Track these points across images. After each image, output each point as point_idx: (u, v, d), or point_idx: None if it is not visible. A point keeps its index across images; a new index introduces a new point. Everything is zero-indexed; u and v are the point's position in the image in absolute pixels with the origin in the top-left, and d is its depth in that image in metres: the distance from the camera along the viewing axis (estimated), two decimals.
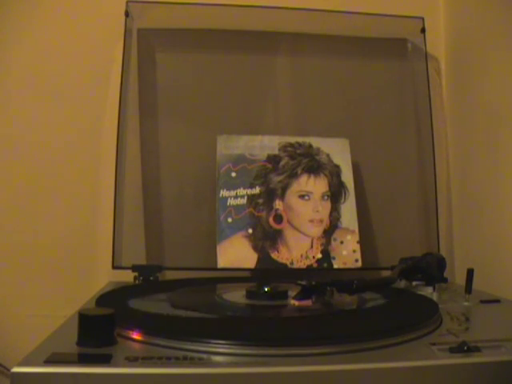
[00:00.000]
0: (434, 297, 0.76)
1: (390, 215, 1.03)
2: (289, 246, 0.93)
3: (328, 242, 0.94)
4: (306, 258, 0.93)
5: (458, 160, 1.04)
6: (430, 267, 0.80)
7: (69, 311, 0.65)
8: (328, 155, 0.98)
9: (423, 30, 1.04)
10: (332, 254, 0.93)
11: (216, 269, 0.90)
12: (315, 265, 0.92)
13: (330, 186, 0.96)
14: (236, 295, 0.73)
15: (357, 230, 0.95)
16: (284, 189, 0.95)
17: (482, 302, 0.74)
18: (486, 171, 0.93)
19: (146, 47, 1.02)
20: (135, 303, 0.69)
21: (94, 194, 0.99)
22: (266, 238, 0.93)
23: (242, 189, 0.95)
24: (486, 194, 0.93)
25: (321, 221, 0.94)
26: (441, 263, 0.82)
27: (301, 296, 0.68)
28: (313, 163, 0.97)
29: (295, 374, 0.47)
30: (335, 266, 0.93)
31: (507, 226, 0.86)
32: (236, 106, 1.03)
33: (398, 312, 0.67)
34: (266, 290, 0.72)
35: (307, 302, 0.68)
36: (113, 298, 0.73)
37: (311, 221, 0.94)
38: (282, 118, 1.04)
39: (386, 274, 0.89)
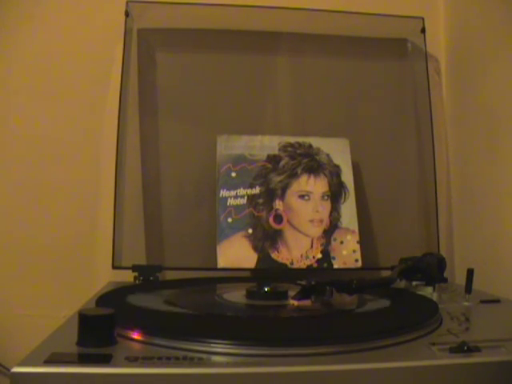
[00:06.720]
0: (434, 297, 0.76)
1: (390, 215, 1.03)
2: (289, 246, 0.93)
3: (328, 242, 0.94)
4: (306, 257, 0.93)
5: (457, 160, 1.04)
6: (430, 267, 0.80)
7: (69, 311, 0.65)
8: (328, 155, 0.98)
9: (423, 30, 1.04)
10: (332, 254, 0.93)
11: (216, 269, 0.90)
12: (315, 265, 0.92)
13: (329, 185, 0.96)
14: (236, 295, 0.73)
15: (357, 230, 0.95)
16: (284, 189, 0.95)
17: (482, 302, 0.74)
18: (486, 171, 0.93)
19: (146, 47, 1.02)
20: (135, 303, 0.69)
21: (94, 194, 0.99)
22: (266, 238, 0.93)
23: (242, 189, 0.95)
24: (485, 194, 0.93)
25: (321, 221, 0.94)
26: (441, 263, 0.82)
27: (300, 296, 0.68)
28: (313, 163, 0.97)
29: (295, 373, 0.47)
30: (335, 266, 0.93)
31: (507, 226, 0.86)
32: (236, 106, 1.03)
33: (398, 312, 0.67)
34: (266, 290, 0.72)
35: (307, 302, 0.68)
36: (113, 298, 0.73)
37: (311, 221, 0.94)
38: (282, 118, 1.04)
39: (386, 274, 0.89)
